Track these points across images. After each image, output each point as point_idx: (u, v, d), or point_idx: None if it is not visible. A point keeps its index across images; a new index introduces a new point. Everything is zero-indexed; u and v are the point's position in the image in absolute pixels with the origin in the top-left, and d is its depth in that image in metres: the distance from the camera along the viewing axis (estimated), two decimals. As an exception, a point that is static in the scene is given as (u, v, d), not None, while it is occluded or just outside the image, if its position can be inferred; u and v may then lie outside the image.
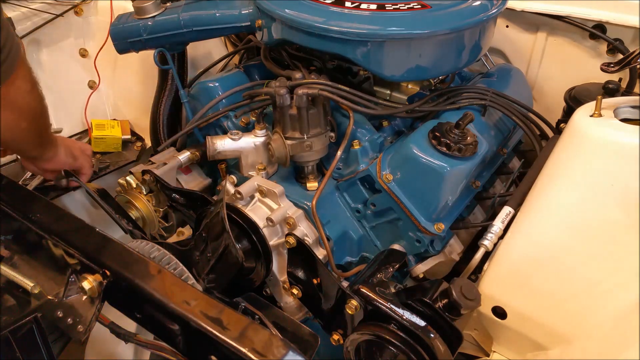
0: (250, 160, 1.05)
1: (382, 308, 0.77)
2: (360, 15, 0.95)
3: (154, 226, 1.09)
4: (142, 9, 1.16)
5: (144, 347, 0.75)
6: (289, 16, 0.97)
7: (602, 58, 1.24)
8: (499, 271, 0.84)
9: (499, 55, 1.40)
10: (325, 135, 0.99)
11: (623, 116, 0.79)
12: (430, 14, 0.96)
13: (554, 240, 0.78)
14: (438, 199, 0.92)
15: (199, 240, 0.91)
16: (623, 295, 0.72)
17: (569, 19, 1.23)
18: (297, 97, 0.93)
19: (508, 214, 0.87)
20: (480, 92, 1.07)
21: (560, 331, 0.79)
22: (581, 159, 0.75)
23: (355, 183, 1.00)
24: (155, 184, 1.07)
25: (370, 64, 0.96)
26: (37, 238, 0.76)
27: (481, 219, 1.13)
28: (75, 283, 0.72)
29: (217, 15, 1.13)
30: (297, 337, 0.76)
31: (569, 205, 0.76)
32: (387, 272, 0.87)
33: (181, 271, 0.81)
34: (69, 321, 0.72)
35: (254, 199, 0.98)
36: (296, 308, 1.00)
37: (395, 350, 0.75)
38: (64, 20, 1.45)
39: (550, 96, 1.33)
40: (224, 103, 1.14)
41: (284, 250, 0.94)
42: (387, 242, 1.02)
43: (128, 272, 0.69)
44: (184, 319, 0.62)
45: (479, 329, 0.96)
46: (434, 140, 0.91)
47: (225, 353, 0.59)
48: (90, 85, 1.54)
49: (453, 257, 1.03)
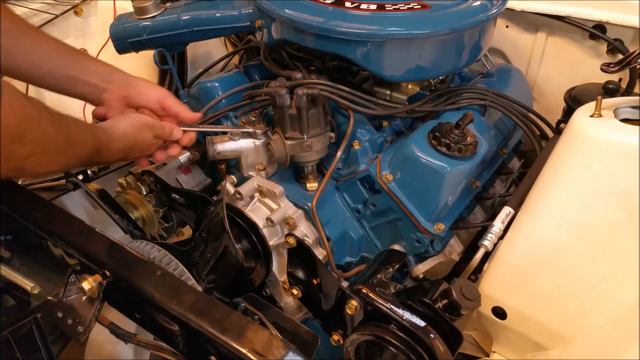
0: (250, 161, 1.05)
1: (382, 308, 0.77)
2: (360, 15, 0.95)
3: (153, 226, 1.09)
4: (142, 9, 1.16)
5: (144, 347, 0.75)
6: (289, 16, 0.96)
7: (602, 58, 1.24)
8: (499, 271, 0.84)
9: (499, 55, 1.40)
10: (325, 136, 0.99)
11: (623, 116, 0.79)
12: (430, 14, 0.97)
13: (554, 241, 0.78)
14: (438, 199, 0.92)
15: (198, 241, 0.91)
16: (623, 295, 0.72)
17: (569, 19, 1.23)
18: (297, 97, 0.93)
19: (508, 214, 0.87)
20: (480, 92, 1.07)
21: (560, 331, 0.79)
22: (581, 159, 0.75)
23: (355, 183, 1.00)
24: (155, 184, 1.07)
25: (370, 64, 0.96)
26: (37, 238, 0.76)
27: (481, 219, 1.13)
28: (75, 283, 0.72)
29: (217, 15, 1.13)
30: (297, 337, 0.76)
31: (568, 206, 0.76)
32: (387, 272, 0.87)
33: (181, 271, 0.81)
34: (68, 321, 0.72)
35: (254, 199, 0.98)
36: (296, 308, 1.00)
37: (395, 350, 0.75)
38: (64, 20, 1.45)
39: (550, 96, 1.33)
40: (223, 103, 1.14)
41: (284, 250, 0.94)
42: (387, 242, 1.02)
43: (128, 273, 0.68)
44: (184, 319, 0.62)
45: (479, 329, 0.96)
46: (434, 140, 0.91)
47: (225, 353, 0.59)
48: (90, 85, 1.54)
49: (453, 257, 1.03)
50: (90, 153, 0.77)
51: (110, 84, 0.92)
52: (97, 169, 1.40)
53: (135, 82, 0.94)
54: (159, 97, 0.94)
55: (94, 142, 0.77)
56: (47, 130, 0.67)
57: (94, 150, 0.77)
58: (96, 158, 0.80)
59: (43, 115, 0.67)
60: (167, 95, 0.96)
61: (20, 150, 0.64)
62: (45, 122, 0.67)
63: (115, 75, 0.94)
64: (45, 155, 0.69)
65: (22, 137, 0.63)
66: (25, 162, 0.66)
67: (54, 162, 0.72)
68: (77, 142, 0.74)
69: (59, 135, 0.70)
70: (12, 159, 0.64)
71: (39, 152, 0.67)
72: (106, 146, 0.80)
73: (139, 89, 0.94)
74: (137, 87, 0.94)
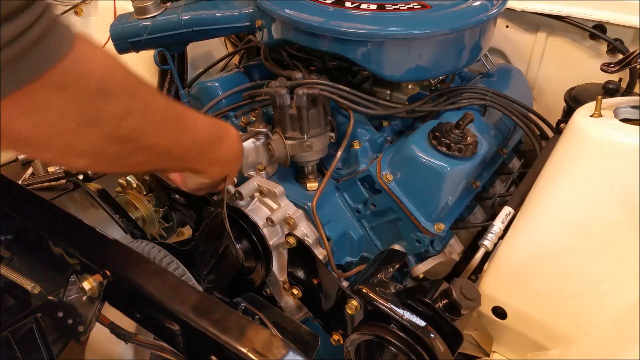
0: (250, 161, 1.05)
1: (382, 308, 0.77)
2: (360, 15, 0.95)
3: (154, 226, 1.09)
4: (142, 9, 1.16)
5: (144, 347, 0.75)
6: (289, 16, 0.97)
7: (602, 58, 1.24)
8: (499, 271, 0.84)
9: (499, 55, 1.40)
10: (325, 135, 0.99)
11: (623, 116, 0.79)
12: (430, 14, 0.97)
13: (554, 241, 0.78)
14: (438, 199, 0.92)
15: (199, 241, 0.91)
16: (623, 295, 0.72)
17: (569, 19, 1.23)
18: (297, 97, 0.93)
19: (508, 214, 0.87)
20: (480, 92, 1.07)
21: (561, 331, 0.79)
22: (581, 159, 0.75)
23: (355, 183, 1.00)
24: (155, 184, 1.07)
25: (370, 64, 0.96)
26: (37, 238, 0.76)
27: (481, 219, 1.13)
28: (75, 283, 0.72)
29: (217, 15, 1.13)
30: (298, 337, 0.76)
31: (569, 206, 0.76)
32: (387, 272, 0.87)
33: (181, 271, 0.82)
34: (69, 321, 0.72)
35: (254, 199, 0.98)
36: (296, 308, 1.00)
37: (395, 350, 0.75)
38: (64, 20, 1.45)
39: (550, 96, 1.33)
40: (223, 103, 1.14)
41: (284, 250, 0.94)
42: (387, 242, 1.02)
43: (128, 273, 0.69)
44: (184, 319, 0.62)
45: (479, 329, 0.96)
46: (434, 140, 0.91)
47: (225, 353, 0.59)
48: (90, 85, 1.54)
49: (453, 257, 1.03)
50: (210, 139, 0.66)
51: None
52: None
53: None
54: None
55: (217, 128, 0.66)
56: (140, 87, 0.55)
57: (216, 138, 0.67)
58: (210, 150, 0.68)
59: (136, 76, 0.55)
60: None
61: (109, 108, 0.51)
62: (137, 79, 0.56)
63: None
64: (148, 119, 0.55)
65: (107, 90, 0.50)
66: (123, 123, 0.53)
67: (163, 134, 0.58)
68: (194, 121, 0.61)
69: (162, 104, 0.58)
70: (104, 120, 0.51)
71: (135, 111, 0.54)
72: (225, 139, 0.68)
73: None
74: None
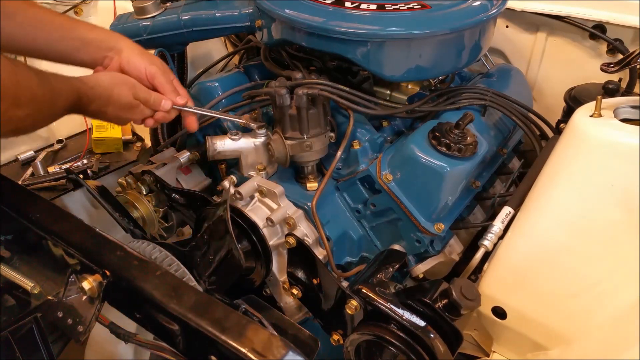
0: (250, 161, 1.05)
1: (382, 308, 0.77)
2: (360, 15, 0.95)
3: (153, 226, 1.09)
4: (142, 9, 1.16)
5: (144, 347, 0.75)
6: (289, 16, 0.97)
7: (602, 58, 1.24)
8: (499, 271, 0.84)
9: (499, 55, 1.40)
10: (325, 135, 0.99)
11: (623, 116, 0.79)
12: (430, 14, 0.97)
13: (554, 240, 0.78)
14: (438, 199, 0.92)
15: (200, 242, 0.91)
16: (623, 295, 0.72)
17: (569, 19, 1.23)
18: (297, 97, 0.93)
19: (508, 214, 0.87)
20: (480, 92, 1.07)
21: (560, 331, 0.79)
22: (581, 159, 0.75)
23: (355, 183, 1.00)
24: (155, 184, 1.07)
25: (370, 64, 0.96)
26: (37, 238, 0.76)
27: (481, 219, 1.13)
28: (75, 283, 0.72)
29: (217, 15, 1.13)
30: (298, 340, 0.76)
31: (568, 205, 0.76)
32: (387, 272, 0.87)
33: (182, 273, 0.81)
34: (68, 321, 0.72)
35: (254, 199, 0.98)
36: (296, 308, 1.00)
37: (395, 350, 0.75)
38: (64, 21, 1.45)
39: (550, 96, 1.33)
40: (223, 103, 1.14)
41: (284, 250, 0.94)
42: (387, 242, 1.02)
43: (128, 273, 0.68)
44: (184, 319, 0.62)
45: (479, 329, 0.96)
46: (434, 140, 0.91)
47: (225, 353, 0.59)
48: (90, 85, 1.54)
49: (453, 257, 1.03)
50: (72, 102, 0.80)
51: (108, 51, 0.93)
52: (97, 169, 1.40)
53: (128, 53, 0.93)
54: (148, 73, 0.93)
55: (73, 92, 0.80)
56: (36, 90, 0.72)
57: (75, 99, 0.80)
58: (78, 107, 0.82)
59: (30, 77, 0.72)
60: (157, 73, 0.93)
61: (18, 113, 0.70)
62: (33, 82, 0.72)
63: (112, 44, 0.93)
64: (39, 113, 0.74)
65: (18, 101, 0.69)
66: (23, 122, 0.72)
67: (44, 118, 0.77)
68: (60, 93, 0.78)
69: (45, 92, 0.74)
70: (13, 122, 0.70)
71: (34, 112, 0.73)
72: (85, 95, 0.82)
73: (130, 62, 0.93)
74: (129, 60, 0.93)
